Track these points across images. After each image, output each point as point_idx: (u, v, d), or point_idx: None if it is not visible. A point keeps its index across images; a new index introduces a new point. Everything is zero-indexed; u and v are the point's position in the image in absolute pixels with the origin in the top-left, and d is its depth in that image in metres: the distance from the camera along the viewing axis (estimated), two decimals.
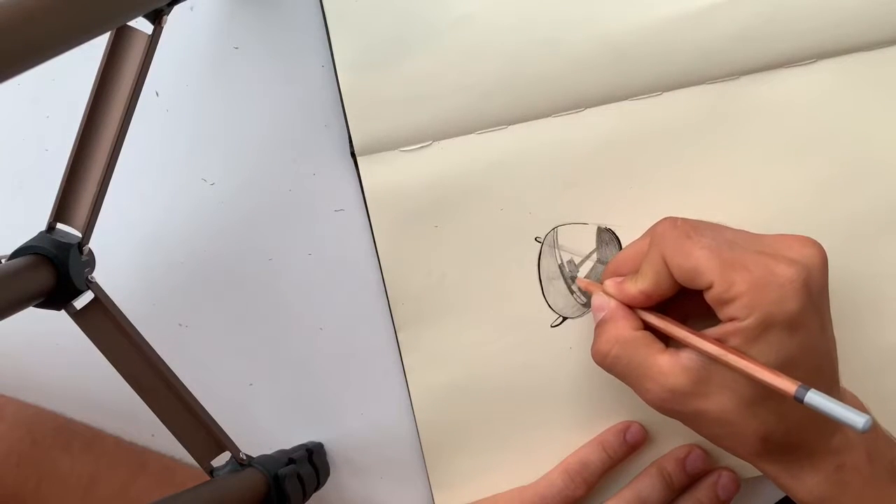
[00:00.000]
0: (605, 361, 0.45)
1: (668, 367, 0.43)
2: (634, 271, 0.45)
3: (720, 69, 0.49)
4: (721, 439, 0.44)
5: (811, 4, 0.48)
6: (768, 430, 0.42)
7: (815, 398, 0.38)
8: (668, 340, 0.44)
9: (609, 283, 0.46)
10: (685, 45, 0.48)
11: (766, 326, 0.40)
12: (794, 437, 0.42)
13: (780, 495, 0.53)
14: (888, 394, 0.50)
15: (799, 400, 0.39)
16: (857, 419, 0.37)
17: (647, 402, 0.44)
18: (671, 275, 0.43)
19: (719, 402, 0.42)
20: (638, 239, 0.47)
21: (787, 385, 0.39)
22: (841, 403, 0.38)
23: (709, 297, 0.42)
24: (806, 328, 0.41)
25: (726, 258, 0.41)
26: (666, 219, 0.44)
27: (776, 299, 0.40)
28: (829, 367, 0.43)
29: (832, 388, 0.43)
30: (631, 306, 0.45)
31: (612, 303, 0.45)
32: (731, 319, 0.41)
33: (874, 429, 0.44)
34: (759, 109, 0.49)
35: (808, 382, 0.39)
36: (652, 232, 0.45)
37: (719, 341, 0.41)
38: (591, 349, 0.46)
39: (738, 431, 0.42)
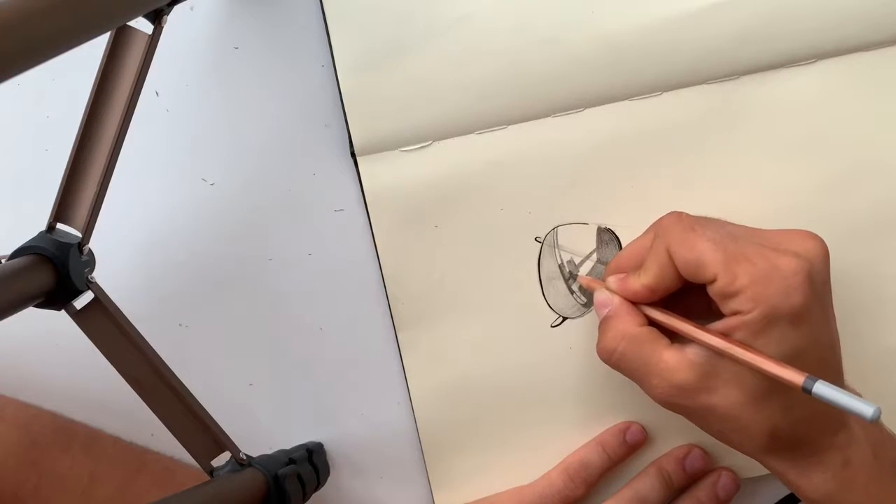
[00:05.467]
0: (612, 358, 0.45)
1: (675, 362, 0.42)
2: (636, 269, 0.45)
3: (720, 69, 0.49)
4: (727, 435, 0.43)
5: (811, 4, 0.48)
6: (775, 424, 0.42)
7: (823, 389, 0.38)
8: (673, 336, 0.44)
9: (612, 280, 0.46)
10: (685, 45, 0.49)
11: (770, 320, 0.40)
12: (800, 433, 0.42)
13: (780, 495, 0.53)
14: (891, 393, 0.50)
15: (807, 391, 0.38)
16: (866, 408, 0.37)
17: (654, 399, 0.44)
18: (675, 268, 0.43)
19: (726, 396, 0.42)
20: (640, 236, 0.47)
21: (795, 376, 0.39)
22: (849, 393, 0.38)
23: (712, 290, 0.42)
24: (810, 321, 0.41)
25: (730, 251, 0.41)
26: (671, 212, 0.44)
27: (780, 292, 0.40)
28: (834, 361, 0.43)
29: (837, 381, 0.43)
30: (634, 302, 0.45)
31: (616, 298, 0.45)
32: (735, 313, 0.41)
33: (879, 427, 0.44)
34: (759, 109, 0.49)
35: (815, 375, 0.39)
36: (657, 225, 0.45)
37: (724, 335, 0.41)
38: (597, 346, 0.46)
39: (745, 426, 0.42)
